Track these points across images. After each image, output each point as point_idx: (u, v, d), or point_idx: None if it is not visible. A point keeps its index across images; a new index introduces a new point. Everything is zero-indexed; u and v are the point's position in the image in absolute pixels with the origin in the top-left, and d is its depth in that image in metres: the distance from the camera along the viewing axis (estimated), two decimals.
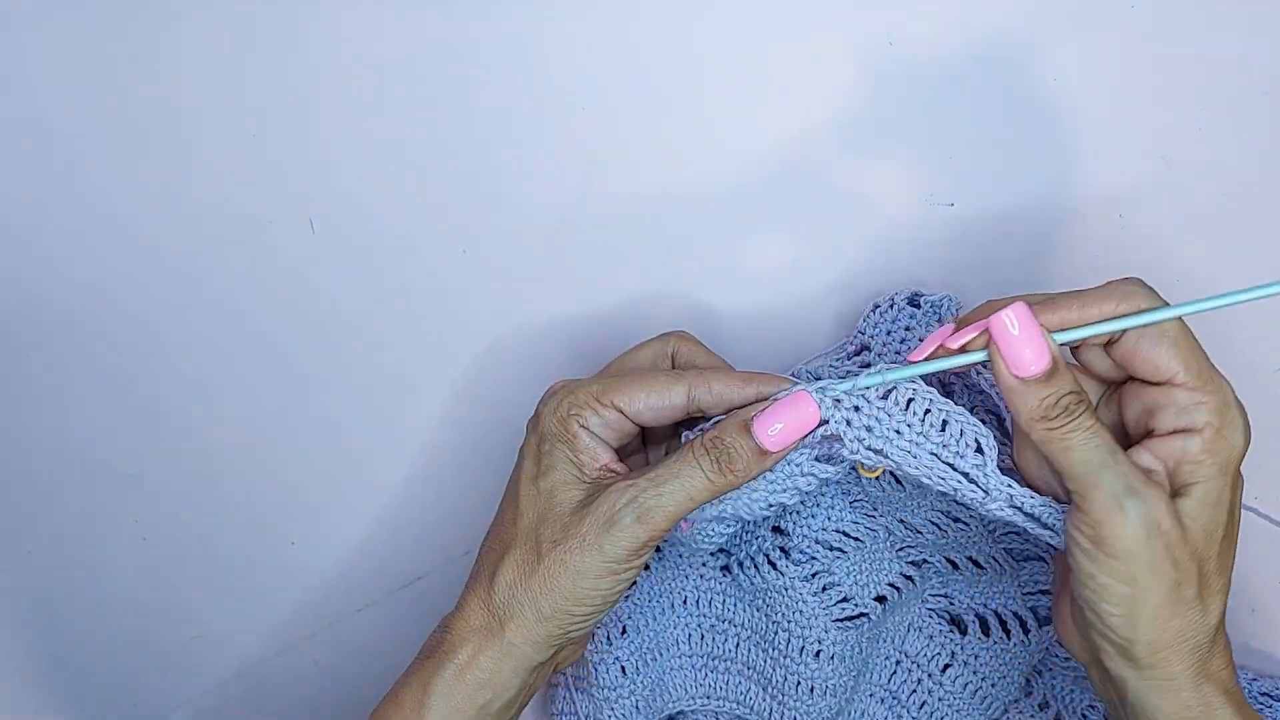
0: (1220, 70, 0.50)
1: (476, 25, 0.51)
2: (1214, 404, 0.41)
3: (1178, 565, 0.40)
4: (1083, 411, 0.40)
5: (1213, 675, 0.42)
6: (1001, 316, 0.40)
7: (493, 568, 0.45)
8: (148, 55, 0.51)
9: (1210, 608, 0.41)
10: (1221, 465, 0.41)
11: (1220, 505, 0.41)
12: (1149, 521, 0.39)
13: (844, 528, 0.53)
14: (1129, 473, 0.40)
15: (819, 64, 0.51)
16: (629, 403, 0.44)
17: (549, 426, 0.45)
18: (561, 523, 0.44)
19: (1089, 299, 0.41)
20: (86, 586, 0.61)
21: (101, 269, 0.55)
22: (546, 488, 0.44)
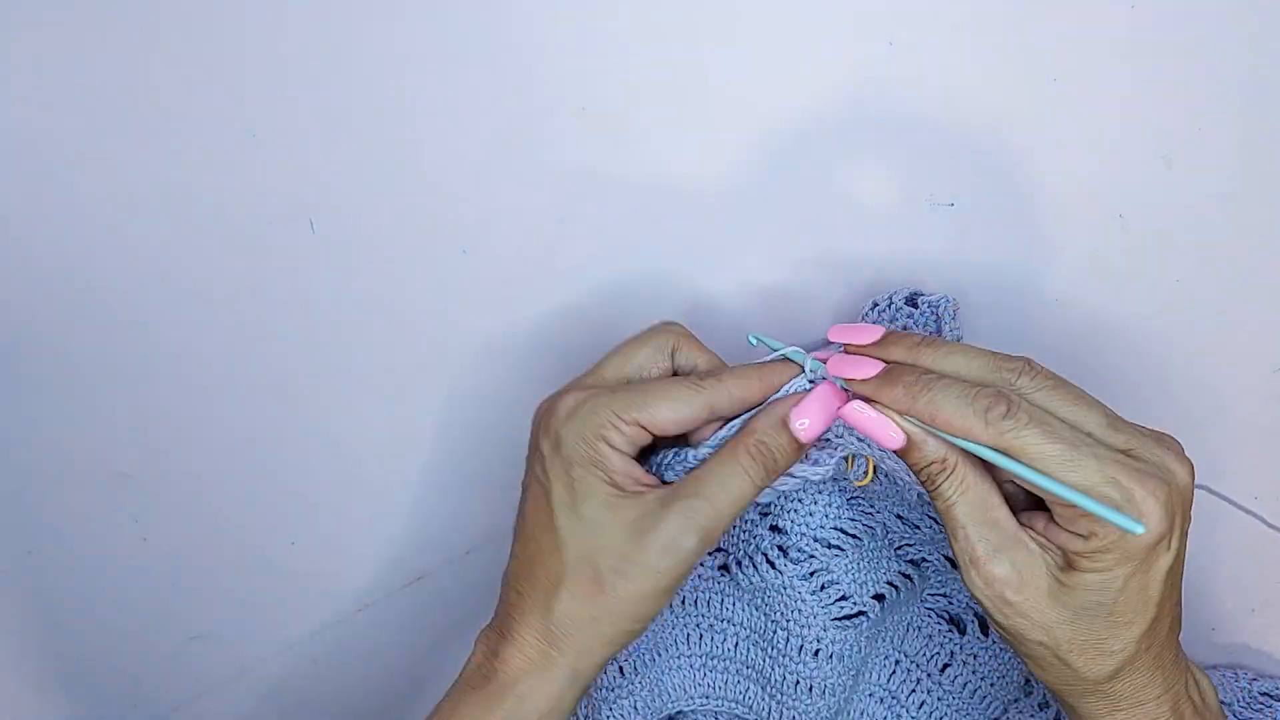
0: (1220, 70, 0.50)
1: (476, 25, 0.51)
2: (1112, 536, 0.39)
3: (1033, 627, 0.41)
4: (944, 480, 0.42)
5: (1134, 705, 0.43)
6: (848, 410, 0.43)
7: (545, 600, 0.44)
8: (147, 55, 0.51)
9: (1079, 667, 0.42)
10: (1114, 562, 0.40)
11: (1106, 590, 0.40)
12: (981, 594, 0.41)
13: (842, 525, 0.53)
14: (968, 546, 0.41)
15: (819, 63, 0.51)
16: (652, 420, 0.44)
17: (576, 451, 0.44)
18: (619, 552, 0.43)
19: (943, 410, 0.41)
20: (86, 586, 0.61)
21: (101, 269, 0.55)
22: (590, 515, 0.43)
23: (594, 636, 0.44)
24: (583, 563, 0.44)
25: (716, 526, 0.43)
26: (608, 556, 0.43)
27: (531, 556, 0.45)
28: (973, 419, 0.40)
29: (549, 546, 0.44)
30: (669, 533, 0.43)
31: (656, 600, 0.44)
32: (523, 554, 0.45)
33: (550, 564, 0.44)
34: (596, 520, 0.43)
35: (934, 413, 0.41)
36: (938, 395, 0.41)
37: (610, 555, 0.43)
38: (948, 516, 0.42)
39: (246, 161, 0.53)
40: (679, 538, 0.43)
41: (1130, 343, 0.54)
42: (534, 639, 0.44)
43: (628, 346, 0.47)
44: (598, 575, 0.43)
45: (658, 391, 0.44)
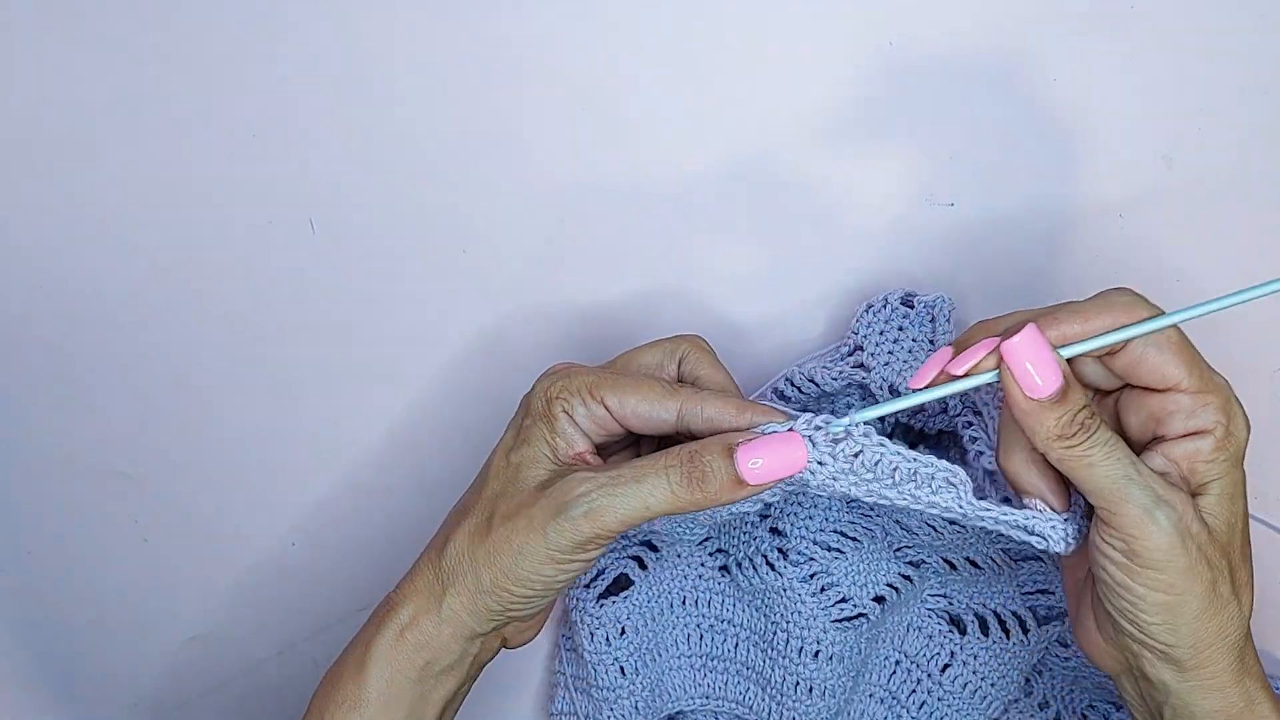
0: (1220, 70, 0.50)
1: (475, 24, 0.51)
2: (1219, 403, 0.41)
3: (1211, 565, 0.40)
4: (1098, 426, 0.40)
5: (1249, 669, 0.42)
6: (1013, 341, 0.40)
7: (448, 532, 0.44)
8: (147, 55, 0.51)
9: (1243, 600, 0.42)
10: (1233, 459, 0.41)
11: (1236, 497, 0.41)
12: (1181, 528, 0.40)
13: (841, 528, 0.53)
14: (1154, 482, 0.40)
15: (819, 64, 0.51)
16: (618, 404, 0.43)
17: (536, 404, 0.44)
18: (518, 499, 0.43)
19: (1090, 312, 0.41)
20: (86, 586, 0.61)
21: (101, 269, 0.55)
22: (516, 461, 0.44)
23: (471, 578, 0.43)
24: (489, 502, 0.44)
25: (609, 510, 0.41)
26: (507, 502, 0.43)
27: (466, 491, 0.46)
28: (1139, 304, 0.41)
29: (479, 482, 0.45)
30: (560, 493, 0.42)
31: (537, 564, 0.42)
32: (469, 489, 0.46)
33: (469, 500, 0.45)
34: (519, 467, 0.43)
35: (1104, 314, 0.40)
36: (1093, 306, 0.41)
37: (509, 501, 0.43)
38: (1110, 463, 0.40)
39: (246, 161, 0.53)
40: (567, 502, 0.41)
41: None
42: (427, 567, 0.44)
43: (638, 349, 0.47)
44: (491, 517, 0.43)
45: (632, 380, 0.44)
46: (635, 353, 0.47)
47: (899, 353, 0.50)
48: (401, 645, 0.44)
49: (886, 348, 0.50)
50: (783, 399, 0.51)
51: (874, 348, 0.50)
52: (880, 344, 0.50)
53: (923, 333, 0.50)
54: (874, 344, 0.50)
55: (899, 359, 0.50)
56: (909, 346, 0.50)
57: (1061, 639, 0.56)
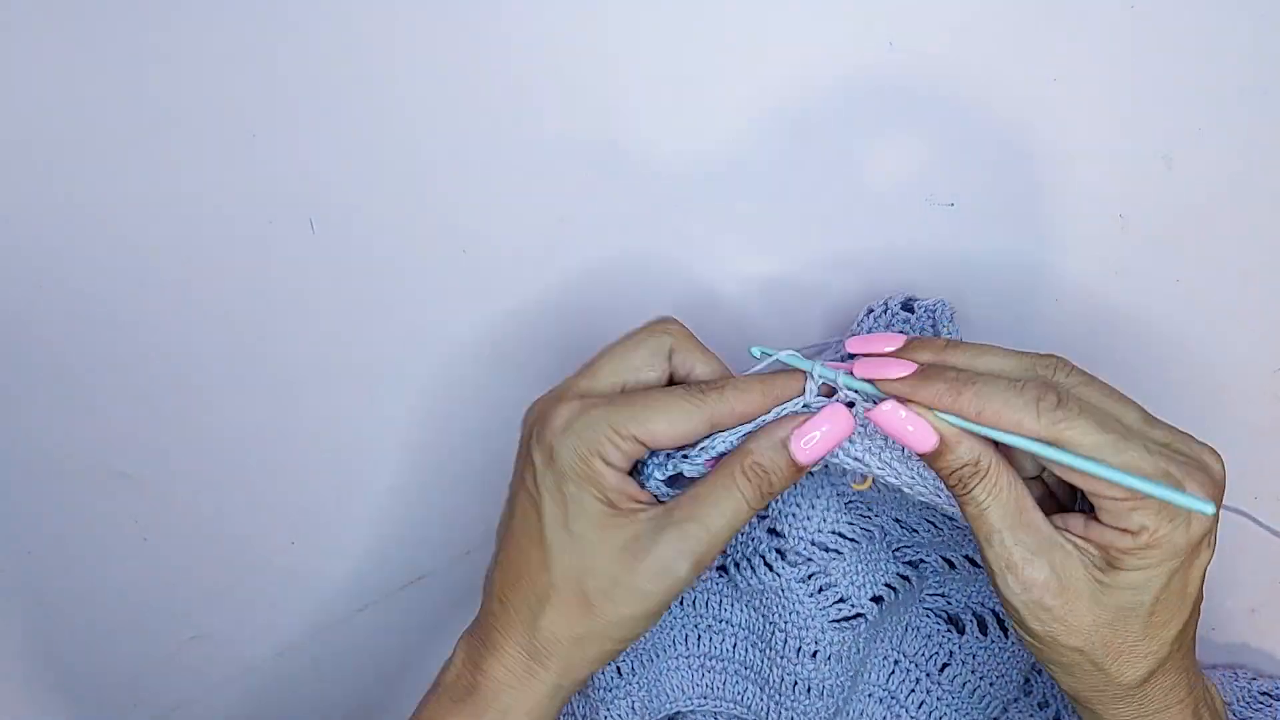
0: (1220, 70, 0.50)
1: (475, 24, 0.51)
2: (1151, 523, 0.39)
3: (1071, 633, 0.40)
4: (976, 484, 0.40)
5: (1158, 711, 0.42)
6: (879, 412, 0.41)
7: (531, 615, 0.43)
8: (147, 55, 0.51)
9: (1124, 677, 0.41)
10: (1157, 560, 0.39)
11: (1147, 589, 0.40)
12: (1019, 601, 0.40)
13: (840, 529, 0.53)
14: (1004, 552, 0.40)
15: (819, 63, 0.51)
16: (650, 435, 0.42)
17: (570, 466, 0.42)
18: (609, 574, 0.42)
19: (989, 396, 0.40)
20: (86, 586, 0.61)
21: (101, 269, 0.55)
22: (581, 533, 0.42)
23: (579, 654, 0.43)
24: (571, 582, 0.43)
25: (710, 551, 0.42)
26: (597, 578, 0.42)
27: (518, 568, 0.44)
28: (1022, 410, 0.39)
29: (537, 561, 0.43)
30: (662, 558, 0.42)
31: (646, 622, 0.43)
32: (507, 563, 0.44)
33: (537, 579, 0.43)
34: (587, 539, 0.42)
35: (981, 406, 0.39)
36: (984, 388, 0.39)
37: (600, 577, 0.42)
38: (979, 522, 0.41)
39: (246, 161, 0.53)
40: (672, 563, 0.42)
41: (1130, 343, 0.54)
42: (518, 653, 0.44)
43: (622, 347, 0.45)
44: (586, 596, 0.42)
45: (656, 405, 0.42)
46: (616, 358, 0.45)
47: None
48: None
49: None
50: None
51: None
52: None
53: (924, 333, 0.50)
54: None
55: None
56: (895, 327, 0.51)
57: None
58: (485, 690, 0.44)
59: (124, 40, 0.51)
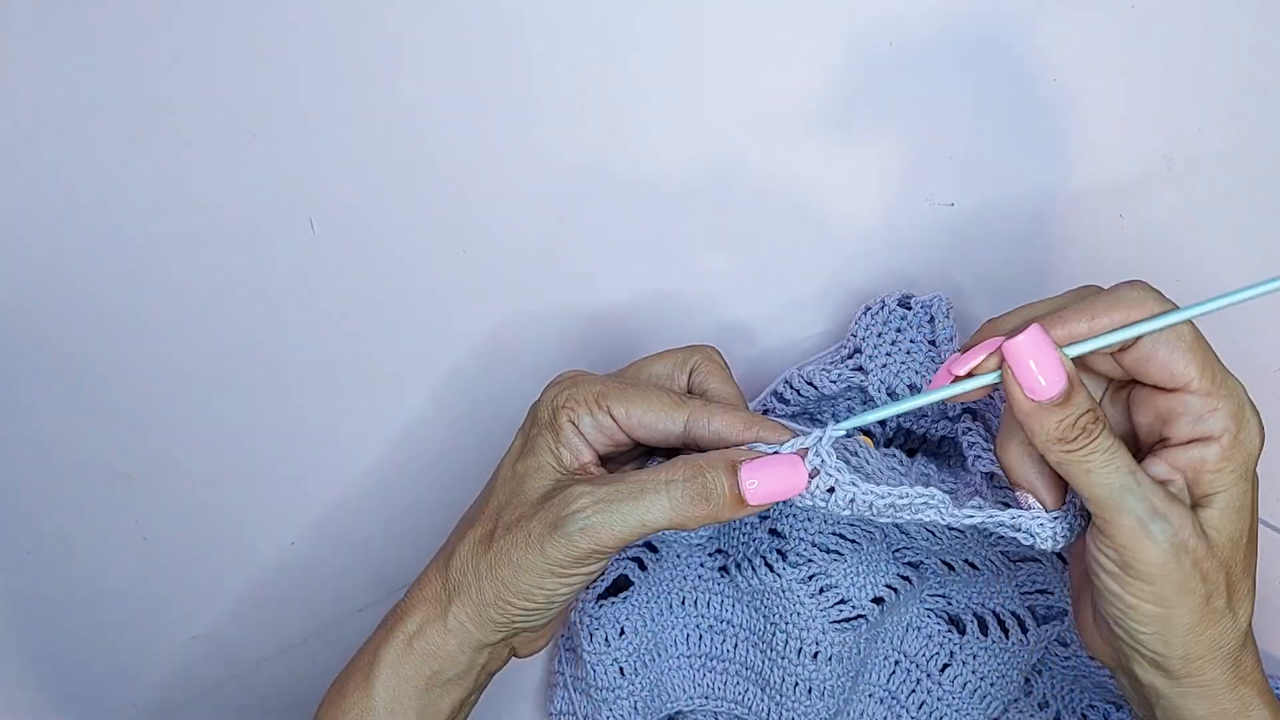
0: (1220, 70, 0.50)
1: (475, 25, 0.51)
2: (1229, 409, 0.39)
3: (1206, 579, 0.40)
4: (1100, 431, 0.39)
5: (1245, 676, 0.41)
6: (1017, 340, 0.39)
7: (456, 541, 0.44)
8: (147, 55, 0.51)
9: (1239, 612, 0.41)
10: (1241, 470, 0.40)
11: (1242, 510, 0.40)
12: (1176, 543, 0.39)
13: (841, 530, 0.53)
14: (1152, 494, 0.39)
15: (819, 63, 0.51)
16: (625, 414, 0.43)
17: (543, 413, 0.44)
18: (519, 511, 0.43)
19: (1099, 308, 0.40)
20: (86, 586, 0.61)
21: (101, 269, 0.55)
22: (521, 471, 0.44)
23: (474, 590, 0.43)
24: (494, 513, 0.44)
25: (605, 527, 0.41)
26: (510, 512, 0.43)
27: (475, 500, 0.46)
28: (1145, 298, 0.40)
29: (486, 491, 0.45)
30: (558, 507, 0.41)
31: (537, 578, 0.42)
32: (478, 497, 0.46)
33: (477, 508, 0.45)
34: (523, 477, 0.43)
35: (1113, 314, 0.39)
36: (1103, 301, 0.40)
37: (512, 512, 0.43)
38: (1108, 471, 0.39)
39: (246, 161, 0.53)
40: (566, 516, 0.41)
41: None
42: (434, 576, 0.44)
43: (655, 355, 0.46)
44: (495, 529, 0.43)
45: (641, 391, 0.43)
46: (646, 362, 0.46)
47: (897, 354, 0.50)
48: (409, 654, 0.44)
49: (885, 350, 0.50)
50: (781, 401, 0.51)
51: (872, 350, 0.50)
52: (879, 346, 0.50)
53: (921, 334, 0.50)
54: (872, 346, 0.50)
55: (897, 361, 0.50)
56: (907, 348, 0.50)
57: (1061, 639, 0.56)
58: (399, 611, 0.45)
59: (124, 40, 0.51)
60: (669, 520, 0.41)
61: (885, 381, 0.49)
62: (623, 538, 0.41)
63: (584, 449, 0.44)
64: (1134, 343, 0.40)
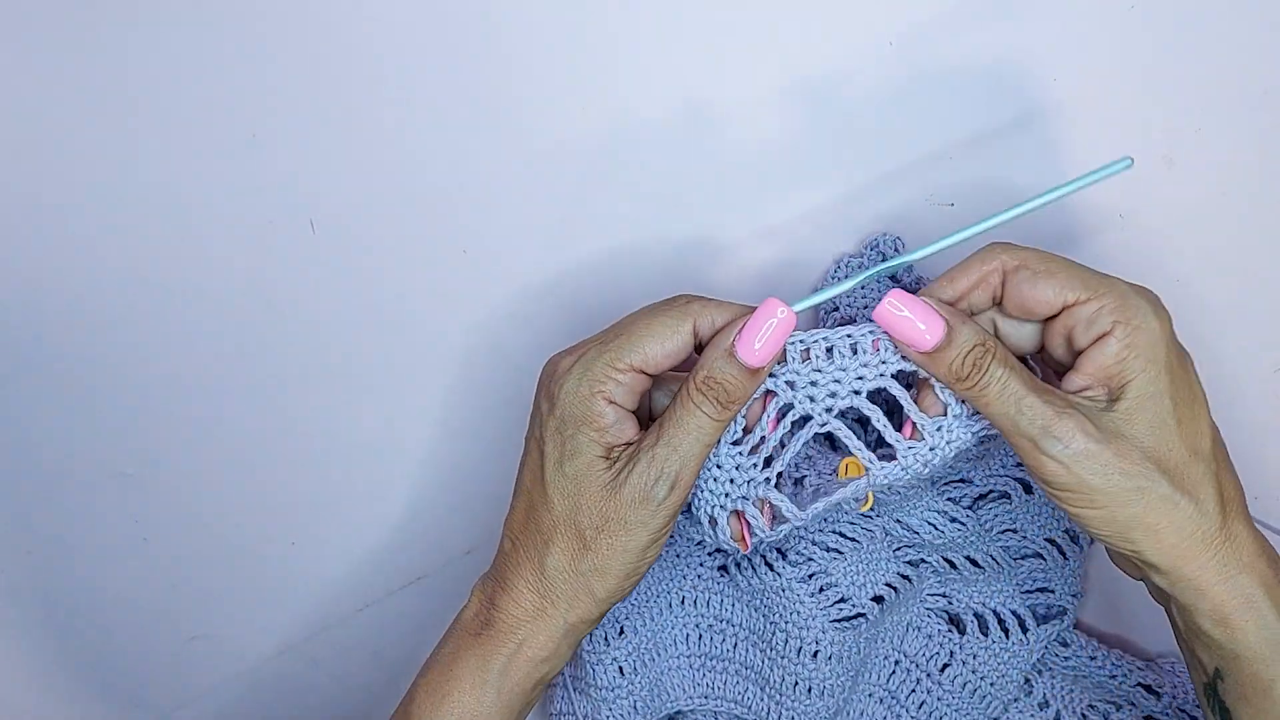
0: (1220, 70, 0.50)
1: (476, 24, 0.51)
2: (1112, 303, 0.42)
3: (1130, 474, 0.41)
4: (990, 363, 0.42)
5: (1246, 566, 0.42)
6: (883, 306, 0.43)
7: (539, 554, 0.46)
8: (147, 55, 0.52)
9: (1201, 496, 0.41)
10: (1146, 355, 0.41)
11: (1158, 395, 0.41)
12: (1070, 454, 0.41)
13: (841, 529, 0.53)
14: (1041, 414, 0.41)
15: (819, 63, 0.51)
16: (645, 359, 0.44)
17: (570, 409, 0.45)
18: (598, 509, 0.44)
19: (956, 272, 0.44)
20: (86, 586, 0.61)
21: (102, 269, 0.55)
22: (573, 474, 0.45)
23: (584, 590, 0.45)
24: (568, 520, 0.45)
25: (685, 469, 0.44)
26: (589, 515, 0.44)
27: (525, 510, 0.46)
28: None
29: (540, 502, 0.46)
30: (638, 486, 0.44)
31: (642, 554, 0.45)
32: (518, 506, 0.47)
33: (542, 520, 0.46)
34: (579, 479, 0.45)
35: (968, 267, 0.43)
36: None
37: (591, 514, 0.44)
38: (1002, 400, 0.42)
39: (246, 161, 0.53)
40: (650, 489, 0.44)
41: None
42: (529, 591, 0.46)
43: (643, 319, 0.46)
44: (581, 533, 0.45)
45: (642, 329, 0.45)
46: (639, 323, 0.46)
47: (871, 297, 0.53)
48: (520, 661, 0.46)
49: (859, 298, 0.53)
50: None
51: (849, 302, 0.53)
52: (851, 296, 0.53)
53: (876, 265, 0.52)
54: (846, 299, 0.53)
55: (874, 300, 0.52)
56: (875, 287, 0.53)
57: (1061, 639, 0.56)
58: (500, 625, 0.46)
59: (124, 40, 0.51)
60: (717, 426, 0.44)
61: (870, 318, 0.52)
62: (698, 466, 0.45)
63: (626, 426, 0.45)
64: (1004, 295, 0.43)
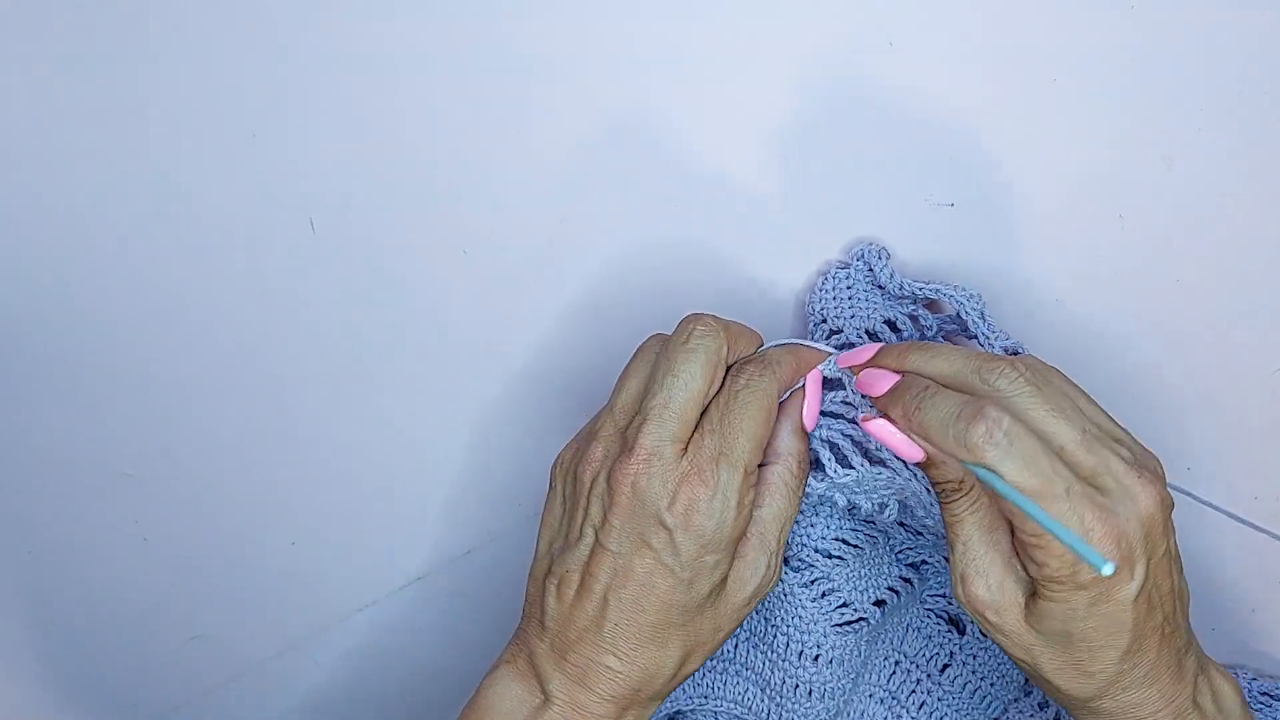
0: (1220, 70, 0.50)
1: (476, 24, 0.51)
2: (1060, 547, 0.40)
3: (1030, 653, 0.43)
4: (959, 498, 0.43)
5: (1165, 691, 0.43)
6: (873, 425, 0.44)
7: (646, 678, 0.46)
8: (147, 55, 0.51)
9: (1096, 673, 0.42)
10: (1071, 590, 0.40)
11: (1067, 618, 0.41)
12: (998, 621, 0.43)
13: (843, 536, 0.53)
14: (988, 571, 0.42)
15: (819, 63, 0.51)
16: (760, 455, 0.45)
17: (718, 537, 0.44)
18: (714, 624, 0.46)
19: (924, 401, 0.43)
20: (86, 586, 0.61)
21: (101, 269, 0.55)
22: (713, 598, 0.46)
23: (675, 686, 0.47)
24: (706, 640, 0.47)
25: (781, 539, 0.46)
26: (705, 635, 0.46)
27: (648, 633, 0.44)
28: (953, 442, 0.41)
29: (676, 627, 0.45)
30: (752, 581, 0.46)
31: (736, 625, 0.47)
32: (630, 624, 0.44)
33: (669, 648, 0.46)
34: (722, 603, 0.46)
35: (926, 434, 0.42)
36: (926, 415, 0.42)
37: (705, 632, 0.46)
38: (951, 530, 0.43)
39: (246, 161, 0.53)
40: (750, 578, 0.46)
41: (1129, 343, 0.54)
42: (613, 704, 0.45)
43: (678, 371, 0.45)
44: (692, 652, 0.46)
45: (748, 425, 0.44)
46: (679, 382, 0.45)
47: (857, 306, 0.53)
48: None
49: (846, 307, 0.53)
50: None
51: (835, 312, 0.53)
52: (839, 306, 0.53)
53: (867, 280, 0.53)
54: (833, 309, 0.53)
55: (859, 311, 0.53)
56: (863, 298, 0.53)
57: None
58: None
59: (124, 40, 0.51)
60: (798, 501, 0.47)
61: (860, 327, 0.53)
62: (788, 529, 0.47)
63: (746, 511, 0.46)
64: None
